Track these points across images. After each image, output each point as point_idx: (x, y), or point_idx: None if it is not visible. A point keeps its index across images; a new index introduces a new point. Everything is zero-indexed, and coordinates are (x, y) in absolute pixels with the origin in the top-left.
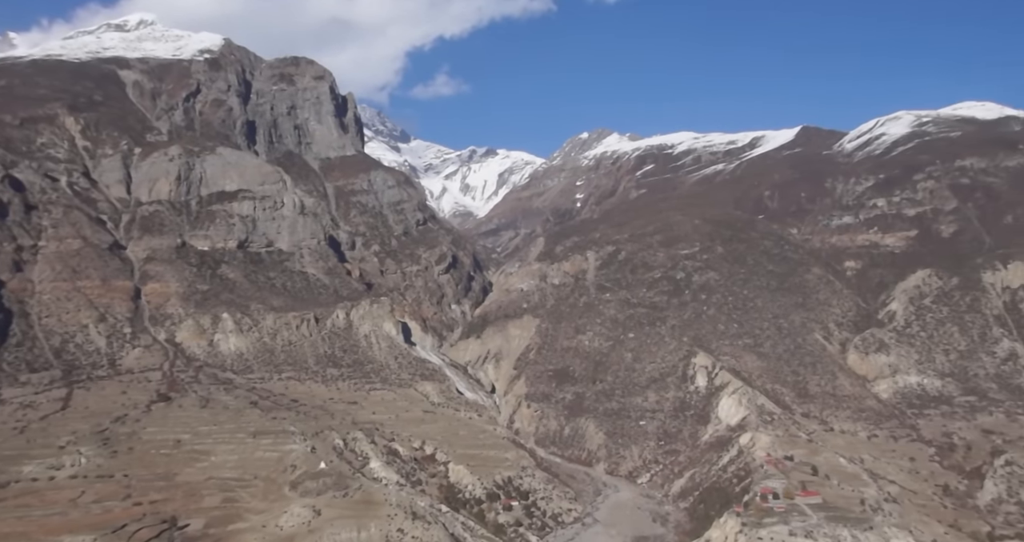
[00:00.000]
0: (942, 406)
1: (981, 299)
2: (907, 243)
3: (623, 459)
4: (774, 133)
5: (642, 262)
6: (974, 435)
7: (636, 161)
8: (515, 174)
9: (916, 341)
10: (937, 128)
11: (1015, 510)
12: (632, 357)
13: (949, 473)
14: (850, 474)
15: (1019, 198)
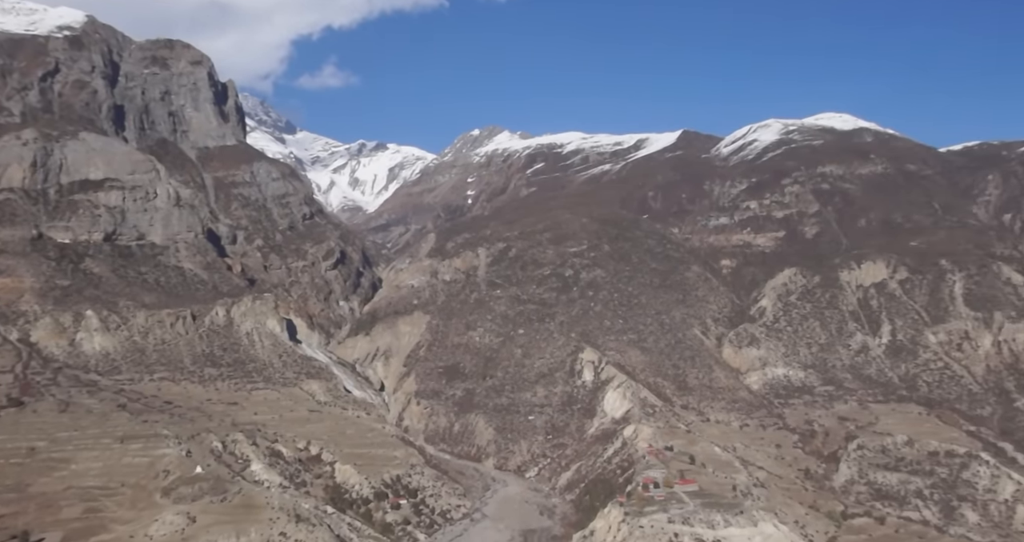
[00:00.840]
0: (805, 396)
1: (839, 296)
2: (776, 243)
3: (512, 454)
4: (657, 136)
5: (532, 259)
6: (831, 422)
7: (527, 159)
8: (406, 169)
9: (783, 335)
10: (802, 136)
11: (864, 490)
12: (522, 353)
13: (810, 458)
14: (724, 462)
15: (871, 203)
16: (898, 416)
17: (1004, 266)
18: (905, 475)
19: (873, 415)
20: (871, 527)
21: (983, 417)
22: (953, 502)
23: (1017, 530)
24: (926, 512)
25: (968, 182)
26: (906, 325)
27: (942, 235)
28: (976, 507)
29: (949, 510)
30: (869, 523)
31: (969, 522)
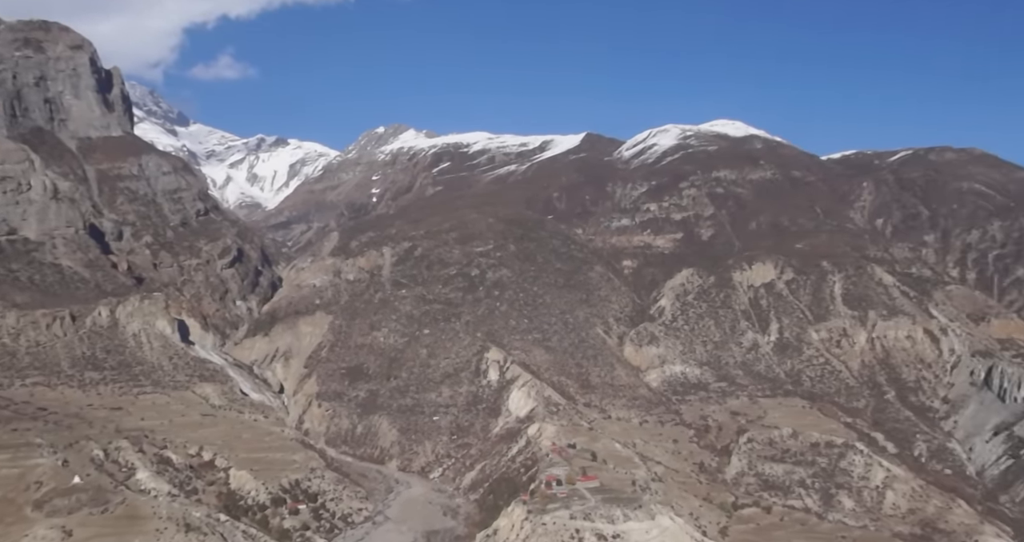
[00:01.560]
0: (700, 392)
1: (732, 296)
2: (674, 244)
3: (416, 455)
4: (562, 138)
5: (438, 259)
6: (724, 417)
7: (433, 158)
8: (308, 166)
9: (681, 334)
10: (698, 142)
11: (754, 481)
12: (427, 353)
13: (704, 452)
14: (624, 458)
15: (761, 207)
16: (784, 410)
17: (877, 268)
18: (790, 466)
19: (762, 409)
20: (759, 516)
21: (858, 409)
22: (831, 490)
23: (886, 514)
24: (808, 500)
25: (846, 188)
26: (792, 323)
27: (824, 238)
28: (851, 494)
29: (828, 497)
30: (757, 512)
31: (845, 508)
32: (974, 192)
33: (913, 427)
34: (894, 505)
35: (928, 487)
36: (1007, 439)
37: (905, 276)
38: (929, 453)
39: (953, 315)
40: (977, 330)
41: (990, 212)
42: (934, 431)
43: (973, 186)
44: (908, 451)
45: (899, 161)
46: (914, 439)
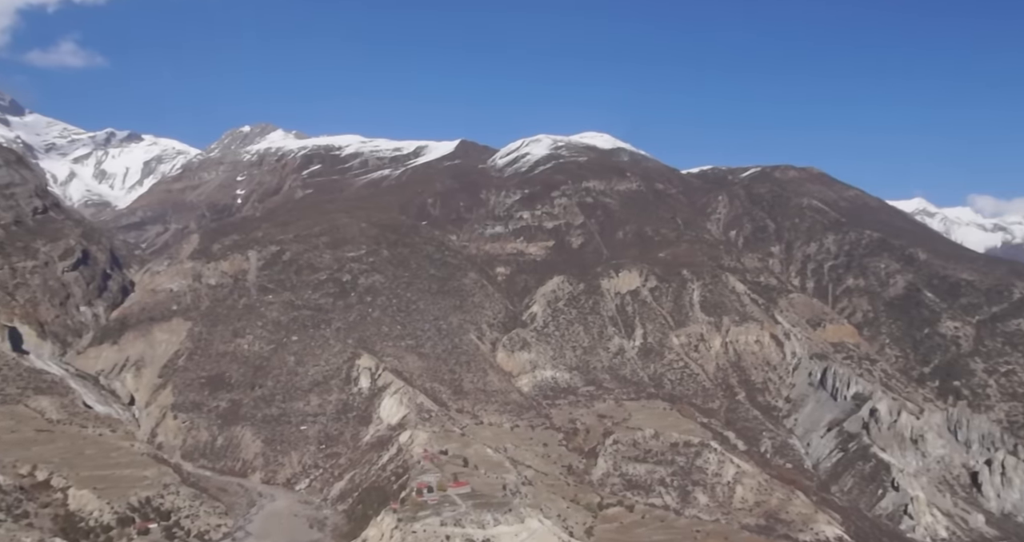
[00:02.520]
0: (569, 396)
1: (600, 302)
2: (546, 252)
3: (282, 466)
4: (436, 144)
5: (308, 263)
6: (592, 420)
7: (303, 160)
8: (165, 163)
9: (552, 339)
10: (569, 152)
11: (618, 481)
12: (295, 360)
13: (573, 454)
14: (495, 463)
15: (628, 217)
16: (647, 412)
17: (730, 276)
18: (651, 465)
19: (627, 412)
20: (622, 515)
21: (713, 409)
22: (688, 487)
23: (736, 507)
24: (667, 497)
25: (703, 201)
26: (655, 329)
27: (684, 248)
28: (706, 490)
29: (685, 494)
30: (621, 511)
31: (700, 503)
32: (812, 208)
33: (760, 425)
34: (743, 499)
35: (772, 481)
36: (838, 434)
37: (754, 284)
38: (773, 449)
39: (795, 321)
40: (814, 334)
41: (825, 226)
42: (778, 428)
43: (811, 202)
44: (756, 448)
45: (749, 177)
46: (761, 436)
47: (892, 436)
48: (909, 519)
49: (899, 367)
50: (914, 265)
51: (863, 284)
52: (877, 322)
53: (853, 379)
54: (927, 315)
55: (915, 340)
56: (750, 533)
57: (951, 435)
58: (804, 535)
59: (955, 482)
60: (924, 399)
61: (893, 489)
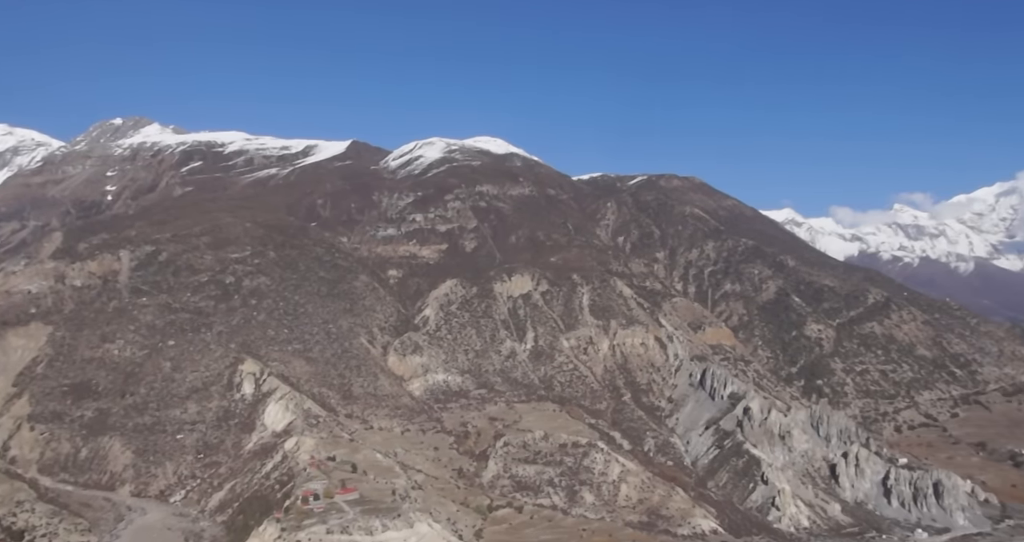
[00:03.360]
0: (461, 399)
1: (493, 306)
2: (439, 255)
3: (155, 478)
4: (327, 143)
5: (187, 264)
6: (483, 422)
7: (182, 156)
8: (22, 155)
9: (444, 343)
10: (463, 156)
11: (508, 483)
12: (171, 366)
13: (464, 457)
14: (385, 468)
15: (521, 222)
16: (537, 414)
17: (618, 281)
18: (541, 466)
19: (518, 414)
20: (511, 516)
21: (600, 410)
22: (576, 487)
23: (620, 505)
24: (555, 498)
25: (593, 207)
26: (546, 332)
27: (575, 252)
28: (592, 489)
29: (572, 494)
30: (510, 513)
31: (587, 502)
32: (694, 216)
33: (644, 425)
34: (627, 497)
35: (654, 478)
36: (715, 432)
37: (641, 289)
38: (656, 448)
39: (677, 324)
40: (695, 337)
41: (706, 234)
42: (661, 428)
43: (693, 211)
44: (640, 447)
45: (636, 185)
46: (645, 436)
47: (763, 433)
48: (776, 510)
49: (770, 367)
50: (784, 272)
51: (739, 289)
52: (751, 325)
53: (729, 379)
54: (795, 318)
55: (784, 342)
56: (633, 530)
57: (813, 430)
58: (682, 529)
59: (816, 474)
60: (791, 397)
61: (763, 483)
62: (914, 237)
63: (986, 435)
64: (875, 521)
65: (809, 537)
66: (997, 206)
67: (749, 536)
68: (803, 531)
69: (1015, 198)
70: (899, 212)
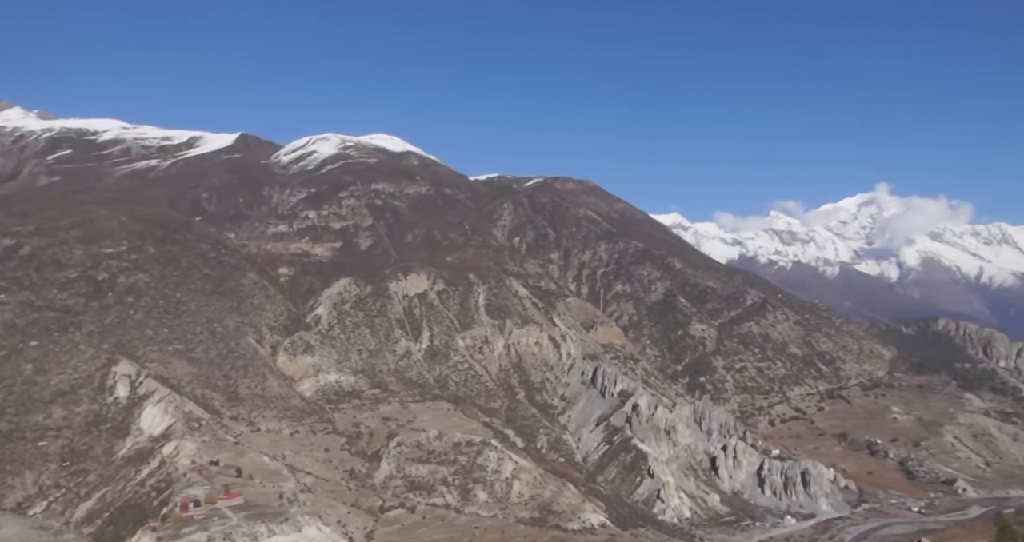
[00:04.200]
0: (354, 399)
1: (388, 305)
2: (333, 253)
3: (11, 489)
4: (213, 135)
5: (53, 259)
6: (376, 423)
7: (48, 143)
8: None
9: (337, 342)
10: (358, 153)
11: (401, 483)
12: (34, 368)
13: (356, 458)
14: (272, 471)
15: (417, 221)
16: (432, 413)
17: (514, 281)
18: (434, 466)
19: (412, 414)
20: (404, 517)
21: (495, 409)
22: (469, 485)
23: (513, 502)
24: (448, 497)
25: (490, 208)
26: (442, 331)
27: (471, 252)
28: (486, 487)
29: (466, 492)
30: (403, 513)
31: (480, 500)
32: (588, 219)
33: (538, 423)
34: (519, 493)
35: (546, 475)
36: (605, 428)
37: (536, 289)
38: (549, 445)
39: (571, 323)
40: (588, 336)
41: (598, 236)
42: (553, 425)
43: (587, 213)
44: (533, 444)
45: (532, 187)
46: (538, 433)
47: (650, 428)
48: (661, 503)
49: (657, 365)
50: (671, 274)
51: (629, 290)
52: (640, 325)
53: (619, 377)
54: (680, 318)
55: (670, 341)
56: (525, 526)
57: (696, 425)
58: (572, 524)
59: (698, 467)
60: (676, 394)
61: (649, 476)
62: (788, 242)
63: (847, 426)
64: (750, 509)
65: (690, 527)
66: (859, 215)
67: (635, 528)
68: (685, 522)
69: (874, 208)
70: (775, 219)
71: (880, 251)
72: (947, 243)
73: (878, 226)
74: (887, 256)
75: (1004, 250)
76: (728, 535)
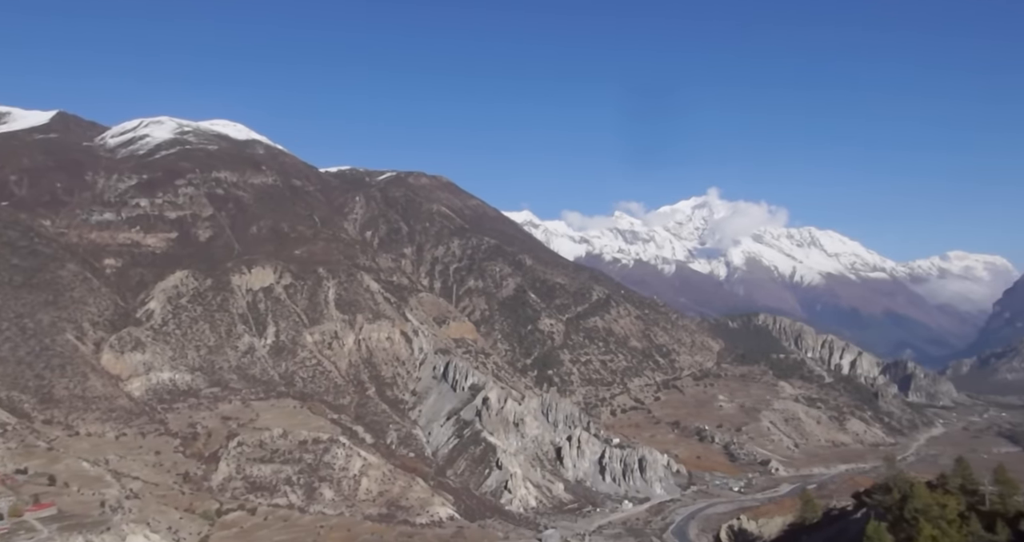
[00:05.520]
0: (190, 399)
1: (230, 299)
2: (168, 244)
3: None
4: (24, 112)
5: None
6: (215, 422)
7: None
8: None
9: (171, 339)
10: (197, 139)
11: (241, 485)
12: None
13: (191, 461)
14: (93, 477)
15: (262, 212)
16: (276, 411)
17: (365, 275)
18: (278, 465)
19: (255, 412)
20: (243, 519)
21: (344, 405)
22: (315, 484)
23: (360, 499)
24: (292, 496)
25: (341, 201)
26: (288, 326)
27: (321, 246)
28: (332, 485)
29: (311, 491)
30: (242, 515)
31: (326, 499)
32: (441, 214)
33: (388, 418)
34: (367, 490)
35: (396, 470)
36: (456, 422)
37: (388, 283)
38: (399, 440)
39: (423, 318)
40: (440, 331)
41: (452, 231)
42: (404, 420)
43: (441, 209)
44: (383, 440)
45: (385, 181)
46: (388, 429)
47: (499, 421)
48: (508, 493)
49: (508, 359)
50: (522, 270)
51: (482, 285)
52: (492, 319)
53: (471, 372)
54: (531, 313)
55: (520, 335)
56: (372, 523)
57: (544, 417)
58: (421, 518)
59: (544, 457)
60: (526, 387)
61: (497, 468)
62: (630, 241)
63: (680, 415)
64: (591, 496)
65: (536, 516)
66: (693, 217)
67: (483, 520)
68: (531, 511)
69: (706, 210)
70: (619, 218)
71: (711, 251)
72: (767, 244)
73: (709, 228)
74: (717, 256)
75: (813, 252)
76: (571, 522)
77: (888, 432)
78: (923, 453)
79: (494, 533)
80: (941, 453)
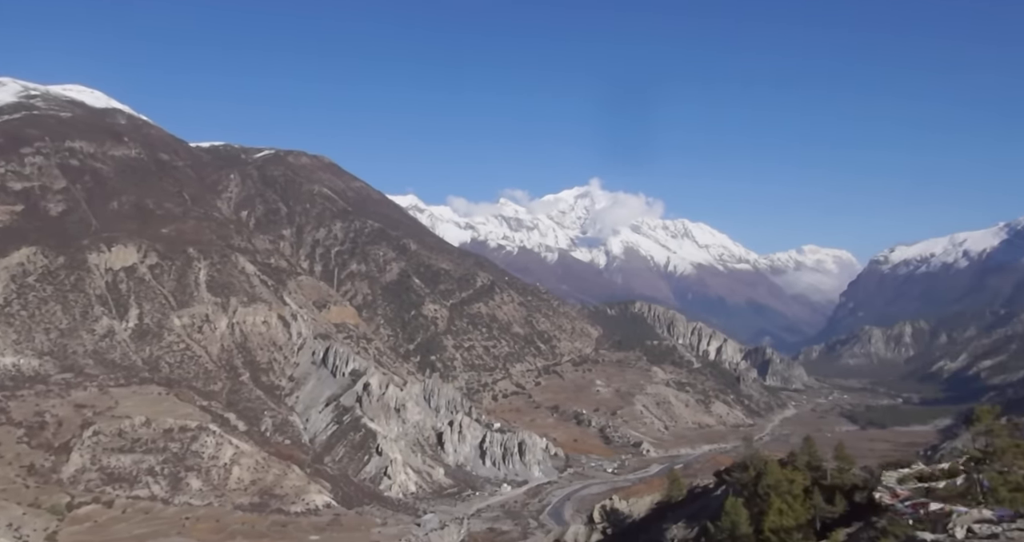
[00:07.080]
0: (38, 385)
1: (86, 279)
2: (12, 218)
3: None
4: None
5: None
6: (67, 411)
7: None
8: None
9: (15, 320)
10: (47, 105)
11: (96, 476)
12: None
13: (37, 452)
14: None
15: (124, 186)
16: (139, 398)
17: (240, 256)
18: (139, 455)
19: (114, 399)
20: (98, 513)
21: (215, 392)
22: (181, 474)
23: (231, 488)
24: (155, 487)
25: (214, 178)
26: (154, 309)
27: (191, 224)
28: (200, 474)
29: (176, 481)
30: (96, 509)
31: (192, 489)
32: (323, 195)
33: (263, 405)
34: (239, 479)
35: (270, 458)
36: (335, 408)
37: (265, 266)
38: (274, 427)
39: (302, 302)
40: (320, 315)
41: (334, 214)
42: (280, 407)
43: (322, 190)
44: (256, 427)
45: (263, 158)
46: (263, 416)
47: (380, 407)
48: (388, 479)
49: (390, 345)
50: (406, 254)
51: (364, 269)
52: (375, 304)
53: (351, 357)
54: (415, 299)
55: (404, 321)
56: (243, 512)
57: (426, 403)
58: (296, 507)
59: (425, 443)
60: (408, 373)
61: (377, 454)
62: (515, 229)
63: (559, 399)
64: (471, 480)
65: (415, 501)
66: (575, 206)
67: (361, 506)
68: (410, 496)
69: (588, 200)
70: (504, 206)
71: (592, 240)
72: (644, 235)
73: (591, 217)
74: (597, 245)
75: (685, 243)
76: (450, 506)
77: (748, 414)
78: (777, 433)
79: (372, 519)
80: (792, 433)
